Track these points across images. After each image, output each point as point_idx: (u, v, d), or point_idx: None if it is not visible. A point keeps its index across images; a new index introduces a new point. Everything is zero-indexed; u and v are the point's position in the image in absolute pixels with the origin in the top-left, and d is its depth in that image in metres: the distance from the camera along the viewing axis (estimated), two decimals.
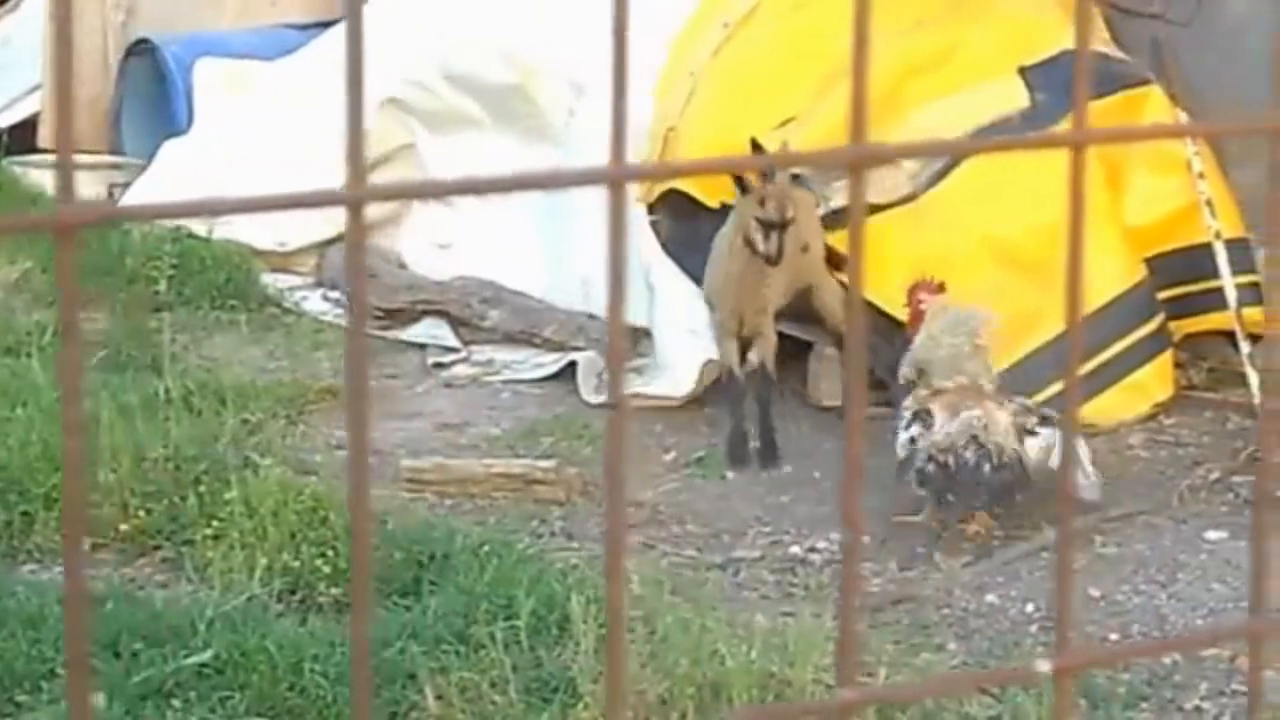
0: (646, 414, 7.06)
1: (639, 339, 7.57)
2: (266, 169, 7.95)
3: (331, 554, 5.37)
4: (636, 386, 7.26)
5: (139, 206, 1.85)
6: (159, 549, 5.71)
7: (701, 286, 7.22)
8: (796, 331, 7.18)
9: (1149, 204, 7.36)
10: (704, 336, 7.13)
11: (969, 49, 7.48)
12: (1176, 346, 7.34)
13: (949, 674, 4.85)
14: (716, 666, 4.74)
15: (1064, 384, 1.22)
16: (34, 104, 10.26)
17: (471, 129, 8.64)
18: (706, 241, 7.12)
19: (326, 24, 9.57)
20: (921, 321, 6.35)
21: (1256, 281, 7.07)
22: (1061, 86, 7.03)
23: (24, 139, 10.07)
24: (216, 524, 5.59)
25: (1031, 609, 5.55)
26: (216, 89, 9.29)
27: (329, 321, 8.08)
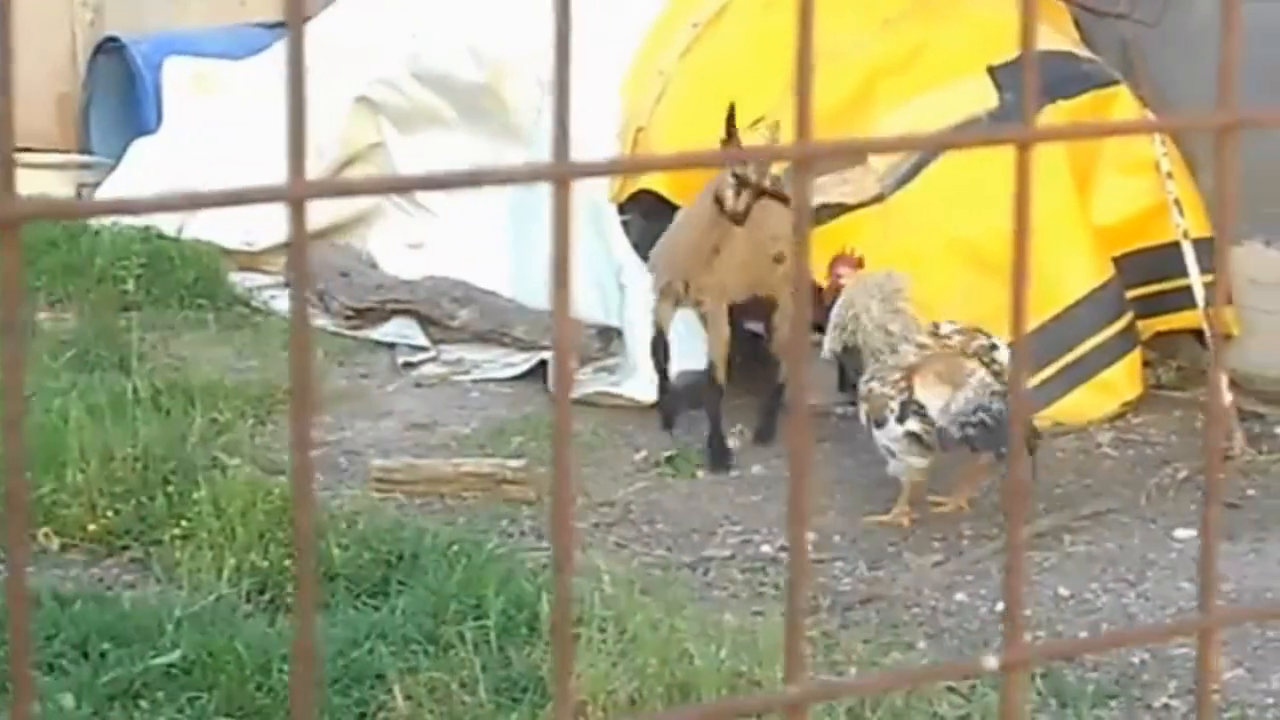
0: (617, 414, 7.06)
1: (610, 338, 7.57)
2: (235, 168, 7.93)
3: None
4: (607, 386, 7.26)
5: (80, 202, 1.84)
6: (127, 549, 5.69)
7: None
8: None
9: (1117, 203, 7.39)
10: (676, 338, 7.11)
11: (937, 49, 7.49)
12: (1145, 345, 7.36)
13: (898, 670, 4.85)
14: (686, 666, 4.74)
15: (1009, 377, 1.22)
16: None
17: (441, 128, 8.64)
18: None
19: None
20: (838, 294, 6.29)
21: None
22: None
23: None
24: (185, 524, 5.58)
25: (1001, 607, 5.56)
26: (185, 88, 9.28)
27: None
